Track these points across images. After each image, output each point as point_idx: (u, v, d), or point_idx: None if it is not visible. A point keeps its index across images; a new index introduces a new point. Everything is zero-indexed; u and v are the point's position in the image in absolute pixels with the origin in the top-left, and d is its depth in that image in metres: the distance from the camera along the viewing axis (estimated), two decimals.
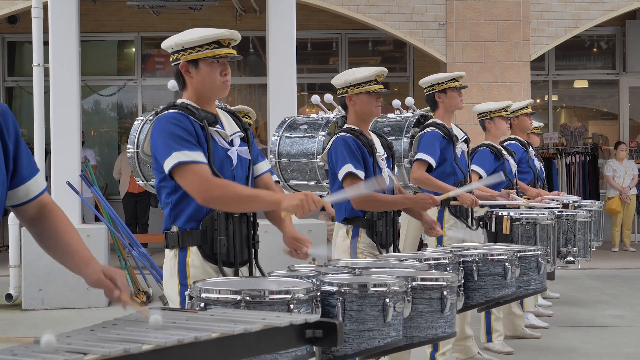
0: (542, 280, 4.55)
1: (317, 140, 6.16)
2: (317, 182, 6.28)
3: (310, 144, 6.21)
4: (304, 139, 6.26)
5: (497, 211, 5.71)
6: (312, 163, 6.18)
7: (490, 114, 6.87)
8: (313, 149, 6.20)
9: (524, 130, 7.87)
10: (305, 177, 6.30)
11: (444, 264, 4.03)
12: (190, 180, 3.42)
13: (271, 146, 6.42)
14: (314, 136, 6.23)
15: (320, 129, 6.24)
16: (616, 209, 13.58)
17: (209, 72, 3.60)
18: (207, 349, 2.17)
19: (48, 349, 1.95)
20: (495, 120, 6.86)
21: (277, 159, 6.33)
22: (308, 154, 6.18)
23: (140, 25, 14.73)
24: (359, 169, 4.70)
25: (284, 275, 3.53)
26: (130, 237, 9.19)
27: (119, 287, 2.62)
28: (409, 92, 14.37)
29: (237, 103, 14.92)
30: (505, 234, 5.52)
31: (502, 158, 6.83)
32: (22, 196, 2.70)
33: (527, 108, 7.78)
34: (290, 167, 6.31)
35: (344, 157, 4.71)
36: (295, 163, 6.28)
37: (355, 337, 3.13)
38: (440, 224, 5.93)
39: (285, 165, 6.33)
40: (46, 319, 8.50)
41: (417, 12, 12.30)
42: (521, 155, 7.67)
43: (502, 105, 6.91)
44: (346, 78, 4.87)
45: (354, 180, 4.67)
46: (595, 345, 7.09)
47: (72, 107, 9.50)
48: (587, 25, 12.59)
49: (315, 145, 6.18)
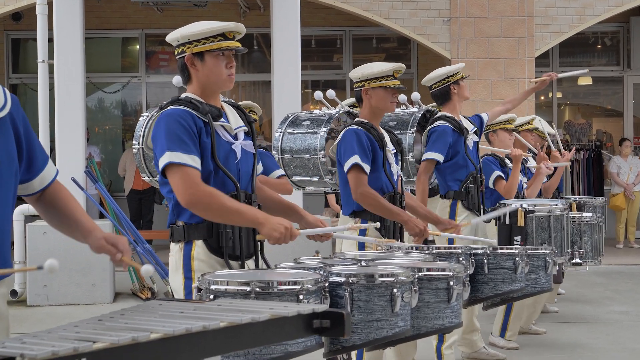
0: (549, 280, 4.56)
1: (319, 136, 6.16)
2: (320, 178, 6.28)
3: (313, 139, 6.20)
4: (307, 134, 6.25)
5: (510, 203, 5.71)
6: (314, 159, 6.17)
7: (493, 127, 6.92)
8: (315, 145, 6.20)
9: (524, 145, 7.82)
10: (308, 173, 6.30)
11: (457, 254, 4.05)
12: (177, 183, 3.43)
13: (274, 142, 6.42)
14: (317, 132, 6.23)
15: (323, 125, 6.24)
16: (620, 206, 13.57)
17: (215, 65, 3.60)
18: (215, 338, 2.18)
19: (51, 270, 2.21)
20: (498, 133, 6.91)
21: (279, 155, 6.33)
22: (311, 150, 6.18)
23: (145, 22, 14.74)
24: (365, 162, 4.71)
25: (290, 267, 3.54)
26: (135, 234, 9.19)
27: (121, 251, 2.76)
28: (413, 88, 14.35)
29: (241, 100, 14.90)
30: (520, 227, 5.52)
31: (505, 166, 6.85)
32: (37, 185, 2.77)
33: (529, 124, 7.76)
34: (293, 163, 6.31)
35: (352, 149, 4.73)
36: (298, 159, 6.27)
37: (364, 327, 3.14)
38: (453, 217, 5.97)
39: (288, 161, 6.32)
40: (51, 315, 8.51)
41: (422, 8, 12.29)
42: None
43: (504, 118, 6.95)
44: (364, 71, 4.89)
45: (359, 172, 4.69)
46: (600, 341, 7.08)
47: (77, 104, 9.50)
48: (592, 22, 12.58)
49: (317, 141, 6.17)
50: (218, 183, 3.54)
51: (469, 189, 6.04)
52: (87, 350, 1.88)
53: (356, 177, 4.74)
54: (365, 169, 4.71)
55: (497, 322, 6.81)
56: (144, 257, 9.09)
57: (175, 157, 3.42)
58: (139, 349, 1.99)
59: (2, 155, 2.53)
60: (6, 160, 2.55)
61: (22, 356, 1.78)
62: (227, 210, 3.41)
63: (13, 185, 2.60)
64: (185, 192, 3.41)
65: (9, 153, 2.56)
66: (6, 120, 2.57)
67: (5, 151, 2.55)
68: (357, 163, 4.72)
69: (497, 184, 6.58)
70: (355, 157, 4.72)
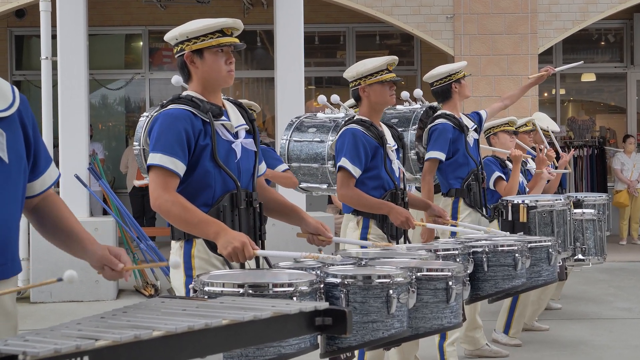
0: (553, 271, 4.54)
1: (326, 145, 6.17)
2: (328, 186, 6.29)
3: (320, 148, 6.21)
4: (313, 143, 6.25)
5: (512, 199, 5.71)
6: (322, 168, 6.18)
7: (494, 129, 6.92)
8: (323, 154, 6.21)
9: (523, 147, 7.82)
10: (317, 181, 6.31)
11: (454, 255, 4.04)
12: (153, 185, 3.47)
13: (280, 150, 6.43)
14: (323, 140, 6.23)
15: (330, 133, 6.24)
16: (624, 202, 13.56)
17: (214, 61, 3.60)
18: (217, 336, 2.18)
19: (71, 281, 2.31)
20: (498, 135, 6.91)
21: (287, 163, 6.34)
22: (319, 159, 6.18)
23: (148, 19, 14.74)
24: (356, 164, 4.72)
25: (288, 267, 3.54)
26: (138, 230, 9.20)
27: (124, 262, 2.74)
28: (416, 85, 14.34)
29: (244, 97, 14.94)
30: (523, 222, 5.52)
31: (506, 167, 6.85)
32: (38, 187, 2.74)
33: (527, 125, 7.74)
34: (301, 171, 6.32)
35: (344, 150, 4.76)
36: (305, 167, 6.28)
37: (359, 329, 3.13)
38: (455, 215, 5.97)
39: (295, 169, 6.34)
40: (55, 312, 8.53)
41: (425, 5, 12.28)
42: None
43: (504, 120, 6.95)
44: (358, 69, 4.88)
45: (344, 174, 4.73)
46: (603, 337, 7.09)
47: (80, 101, 9.52)
48: (595, 18, 12.56)
49: (325, 149, 6.18)
50: (219, 182, 3.54)
51: (470, 186, 6.04)
52: (90, 348, 1.88)
53: (341, 178, 4.79)
54: (353, 172, 4.73)
55: (501, 318, 6.81)
56: (147, 254, 9.10)
57: (159, 160, 3.45)
58: (141, 347, 1.99)
59: (10, 154, 2.51)
60: (15, 158, 2.53)
61: (24, 354, 1.78)
62: (186, 220, 3.42)
63: (22, 183, 2.58)
64: (152, 195, 3.47)
65: (17, 151, 2.54)
66: (15, 118, 2.55)
67: (14, 150, 2.53)
68: (342, 165, 4.75)
69: (497, 184, 6.58)
70: (344, 159, 4.75)
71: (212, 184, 3.53)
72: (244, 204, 3.61)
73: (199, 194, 3.53)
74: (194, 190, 3.53)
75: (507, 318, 6.76)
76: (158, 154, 3.46)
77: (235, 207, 3.57)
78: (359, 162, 4.73)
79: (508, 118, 7.04)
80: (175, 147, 3.46)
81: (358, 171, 4.73)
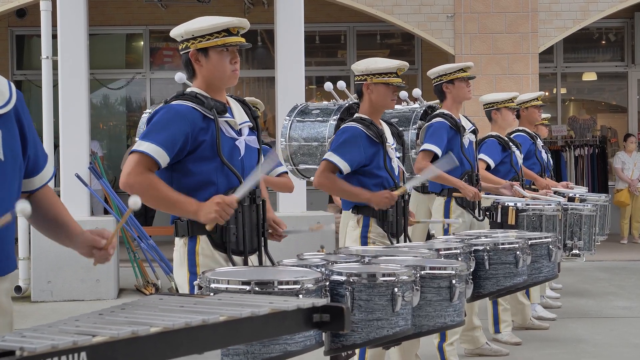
0: (553, 268, 4.54)
1: (328, 124, 6.15)
2: None
3: (322, 127, 6.18)
4: (316, 122, 6.24)
5: (503, 202, 5.71)
6: (322, 147, 6.16)
7: (497, 105, 6.87)
8: (324, 133, 6.18)
9: (532, 122, 7.87)
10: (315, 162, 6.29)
11: (455, 254, 4.03)
12: (132, 164, 3.44)
13: (282, 130, 6.41)
14: (326, 120, 6.22)
15: (332, 114, 6.23)
16: (625, 202, 13.56)
17: (219, 61, 3.60)
18: (215, 332, 2.18)
19: (23, 212, 2.25)
20: (501, 111, 6.86)
21: (287, 142, 6.31)
22: (319, 138, 6.16)
23: (149, 19, 14.75)
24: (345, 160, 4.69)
25: (293, 265, 3.53)
26: (139, 230, 9.21)
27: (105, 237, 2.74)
28: (417, 84, 14.35)
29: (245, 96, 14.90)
30: (511, 225, 5.51)
31: (509, 149, 6.84)
32: (37, 183, 2.75)
33: (537, 100, 7.75)
34: (301, 151, 6.30)
35: (336, 145, 4.75)
36: (305, 147, 6.26)
37: (364, 327, 3.13)
38: (447, 214, 5.96)
39: (295, 148, 6.31)
40: (55, 311, 8.52)
41: (425, 4, 12.28)
42: (529, 147, 7.67)
43: (508, 96, 6.90)
44: (368, 65, 4.86)
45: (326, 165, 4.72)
46: (603, 336, 7.08)
47: (81, 101, 9.52)
48: (596, 17, 12.55)
49: (326, 129, 6.16)
50: (223, 178, 3.55)
51: None
52: (87, 344, 1.88)
53: (322, 168, 4.75)
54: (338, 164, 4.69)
55: (489, 319, 6.74)
56: (147, 252, 9.11)
57: (143, 147, 3.45)
58: (138, 343, 1.99)
59: (6, 151, 2.50)
60: (10, 156, 2.52)
61: (21, 349, 1.78)
62: (162, 198, 3.44)
63: (17, 181, 2.58)
64: (128, 173, 3.43)
65: (13, 149, 2.54)
66: (11, 115, 2.54)
67: (9, 147, 2.52)
68: (326, 158, 4.74)
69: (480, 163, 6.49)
70: (330, 153, 4.75)
71: (216, 180, 3.54)
72: (247, 201, 3.61)
73: (202, 190, 3.52)
74: (197, 186, 3.53)
75: (494, 316, 6.73)
76: (146, 143, 3.45)
77: (239, 204, 3.56)
78: (348, 159, 4.70)
79: (512, 93, 6.98)
80: (167, 139, 3.45)
81: (345, 165, 4.70)
